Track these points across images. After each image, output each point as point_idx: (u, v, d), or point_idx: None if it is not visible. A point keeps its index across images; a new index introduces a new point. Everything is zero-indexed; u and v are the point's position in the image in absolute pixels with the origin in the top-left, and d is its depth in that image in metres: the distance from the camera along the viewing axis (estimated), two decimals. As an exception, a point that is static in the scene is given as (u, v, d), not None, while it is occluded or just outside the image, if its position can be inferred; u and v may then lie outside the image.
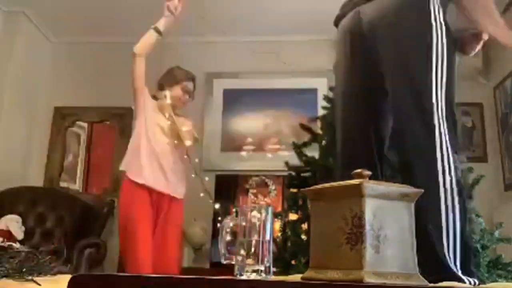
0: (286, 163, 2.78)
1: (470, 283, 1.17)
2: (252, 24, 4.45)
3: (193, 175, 2.76)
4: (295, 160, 2.79)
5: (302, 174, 2.66)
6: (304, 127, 2.88)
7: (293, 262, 2.34)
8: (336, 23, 1.69)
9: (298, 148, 2.72)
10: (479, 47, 1.59)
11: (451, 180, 1.30)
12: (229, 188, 4.18)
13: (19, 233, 3.65)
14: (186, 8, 4.29)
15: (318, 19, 4.32)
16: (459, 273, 1.21)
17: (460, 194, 1.31)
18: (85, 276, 0.72)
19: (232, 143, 4.45)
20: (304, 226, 2.41)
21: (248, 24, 4.45)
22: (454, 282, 1.14)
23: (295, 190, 2.64)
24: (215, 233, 3.97)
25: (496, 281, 2.10)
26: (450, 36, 1.45)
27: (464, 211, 1.30)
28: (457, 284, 1.11)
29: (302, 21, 4.34)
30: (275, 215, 2.54)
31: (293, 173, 2.71)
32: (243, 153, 4.39)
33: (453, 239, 1.27)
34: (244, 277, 0.99)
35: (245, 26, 4.48)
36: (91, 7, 4.27)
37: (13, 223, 3.65)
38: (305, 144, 2.75)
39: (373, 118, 1.54)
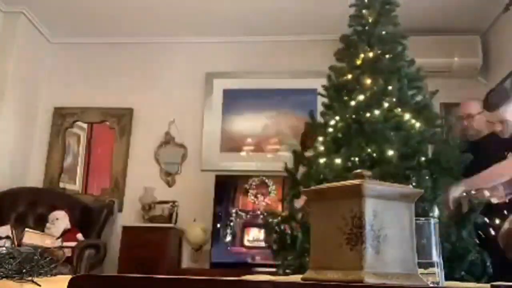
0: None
1: None
2: (252, 24, 4.45)
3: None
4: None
5: None
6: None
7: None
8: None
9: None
10: None
11: None
12: (229, 188, 4.18)
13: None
14: (185, 8, 4.28)
15: (318, 19, 4.33)
16: None
17: None
18: (85, 277, 0.71)
19: (231, 143, 4.45)
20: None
21: (248, 24, 4.45)
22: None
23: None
24: (215, 234, 3.97)
25: None
26: None
27: None
28: (457, 283, 1.11)
29: (302, 21, 4.34)
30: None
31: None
32: (243, 153, 4.39)
33: None
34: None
35: (245, 26, 4.48)
36: (91, 7, 4.26)
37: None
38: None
39: None
